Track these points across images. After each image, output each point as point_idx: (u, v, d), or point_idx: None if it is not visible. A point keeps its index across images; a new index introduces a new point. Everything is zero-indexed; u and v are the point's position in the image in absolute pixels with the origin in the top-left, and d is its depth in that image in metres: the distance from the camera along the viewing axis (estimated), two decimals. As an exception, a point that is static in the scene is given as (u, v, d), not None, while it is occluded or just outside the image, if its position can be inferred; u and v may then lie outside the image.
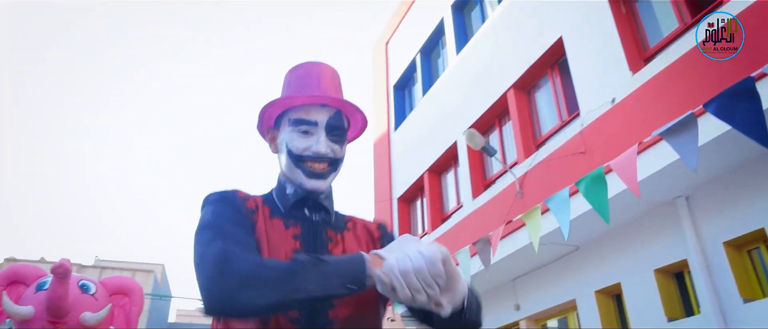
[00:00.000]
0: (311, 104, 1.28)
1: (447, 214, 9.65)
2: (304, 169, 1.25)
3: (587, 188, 3.43)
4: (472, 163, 8.81)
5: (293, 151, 1.26)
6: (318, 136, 1.26)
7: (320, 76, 1.32)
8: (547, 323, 7.77)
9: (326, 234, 1.26)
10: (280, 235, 1.21)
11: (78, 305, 4.60)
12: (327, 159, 1.27)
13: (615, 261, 6.34)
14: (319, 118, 1.27)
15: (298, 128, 1.27)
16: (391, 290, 0.97)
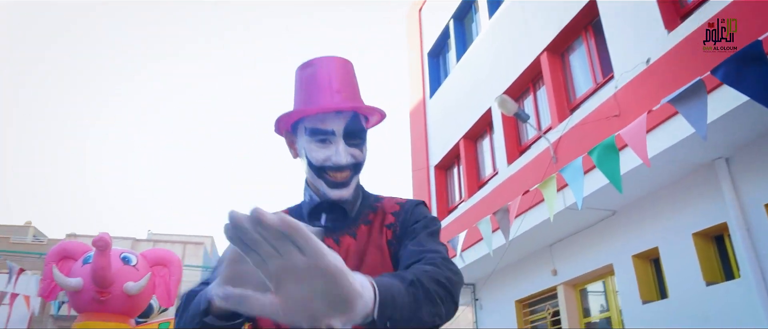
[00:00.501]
0: (327, 113, 1.21)
1: (483, 180, 9.61)
2: (327, 180, 1.22)
3: (600, 158, 3.36)
4: (507, 129, 8.71)
5: (313, 163, 1.22)
6: (336, 145, 1.21)
7: (331, 77, 1.24)
8: (584, 287, 7.72)
9: (334, 240, 1.23)
10: None
11: (121, 276, 4.89)
12: (348, 168, 1.23)
13: (652, 224, 6.20)
14: (336, 126, 1.21)
15: (315, 138, 1.21)
16: None
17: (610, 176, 3.31)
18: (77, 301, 5.18)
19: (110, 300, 4.98)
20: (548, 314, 8.21)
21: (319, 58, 1.27)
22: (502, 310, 9.20)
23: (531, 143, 8.14)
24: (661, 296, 6.26)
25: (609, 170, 3.32)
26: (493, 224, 5.39)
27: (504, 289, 9.16)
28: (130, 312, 5.36)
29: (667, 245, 5.98)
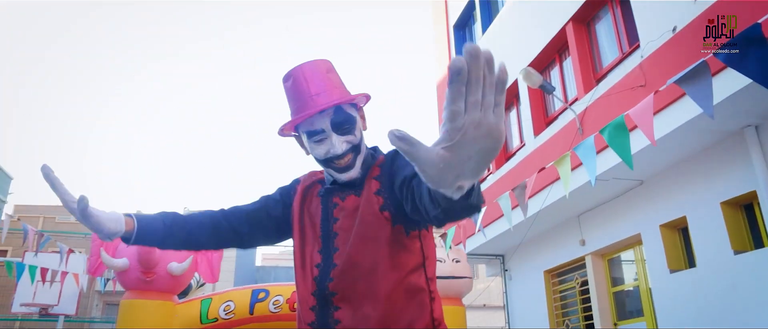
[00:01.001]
0: (312, 116, 1.38)
1: (511, 152, 9.64)
2: (334, 168, 1.40)
3: (611, 137, 3.41)
4: (533, 100, 8.69)
5: (318, 158, 1.42)
6: (330, 139, 1.38)
7: (308, 82, 1.39)
8: (612, 257, 7.76)
9: (331, 202, 1.43)
10: (316, 209, 1.46)
11: (165, 256, 5.17)
12: (347, 152, 1.39)
13: (680, 194, 6.19)
14: (324, 124, 1.38)
15: (312, 139, 1.40)
16: None
17: (621, 154, 3.37)
18: (124, 280, 5.52)
19: (155, 279, 5.30)
20: (576, 283, 8.30)
21: (295, 68, 1.43)
22: (531, 280, 9.32)
23: (557, 114, 8.12)
24: (688, 265, 6.28)
25: (620, 149, 3.37)
26: (512, 200, 5.48)
27: (533, 260, 9.26)
28: (174, 289, 5.69)
29: (695, 215, 5.97)
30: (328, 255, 1.37)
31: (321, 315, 1.33)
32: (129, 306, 5.52)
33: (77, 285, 8.65)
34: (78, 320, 11.12)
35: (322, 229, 1.41)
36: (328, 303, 1.33)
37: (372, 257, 1.32)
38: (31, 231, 5.75)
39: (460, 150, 0.71)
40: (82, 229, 23.02)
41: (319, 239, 1.41)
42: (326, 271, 1.35)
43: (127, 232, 1.38)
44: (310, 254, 1.41)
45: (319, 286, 1.34)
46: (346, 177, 1.40)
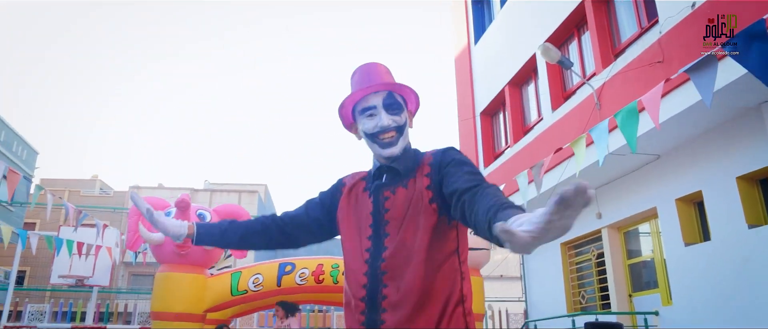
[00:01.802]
0: (368, 94, 1.65)
1: (529, 126, 9.72)
2: (379, 142, 1.63)
3: (623, 121, 3.52)
4: (551, 75, 8.72)
5: (366, 132, 1.65)
6: (380, 115, 1.63)
7: (370, 72, 1.68)
8: (628, 230, 7.89)
9: (383, 195, 1.64)
10: (365, 203, 1.67)
11: (197, 231, 5.41)
12: (392, 129, 1.62)
13: (696, 168, 6.27)
14: (376, 101, 1.64)
15: (364, 114, 1.65)
16: None
17: (628, 138, 3.51)
18: (159, 253, 5.80)
19: (189, 253, 5.57)
20: (593, 256, 8.46)
21: (363, 64, 1.74)
22: (547, 253, 9.50)
23: (575, 89, 8.17)
24: (703, 238, 6.40)
25: (628, 132, 3.51)
26: (529, 177, 5.62)
27: (550, 232, 9.40)
28: (206, 263, 5.97)
29: (710, 189, 6.06)
30: (379, 241, 1.59)
31: (371, 289, 1.56)
32: (164, 279, 5.81)
33: (110, 258, 9.03)
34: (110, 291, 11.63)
35: (374, 218, 1.62)
36: (378, 280, 1.55)
37: (419, 241, 1.53)
38: (71, 208, 6.04)
39: (541, 240, 0.95)
40: (106, 204, 23.62)
41: (370, 228, 1.63)
42: (377, 253, 1.57)
43: (189, 235, 1.75)
44: (360, 241, 1.63)
45: (372, 266, 1.57)
46: (387, 153, 1.61)
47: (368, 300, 1.56)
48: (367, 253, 1.60)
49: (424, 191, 1.57)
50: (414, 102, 1.74)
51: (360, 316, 1.57)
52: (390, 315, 1.51)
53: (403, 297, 1.51)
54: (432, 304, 1.50)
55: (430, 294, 1.51)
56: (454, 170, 1.53)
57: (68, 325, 8.97)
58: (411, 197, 1.59)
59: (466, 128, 11.95)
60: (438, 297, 1.51)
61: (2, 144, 18.56)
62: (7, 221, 16.46)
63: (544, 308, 9.43)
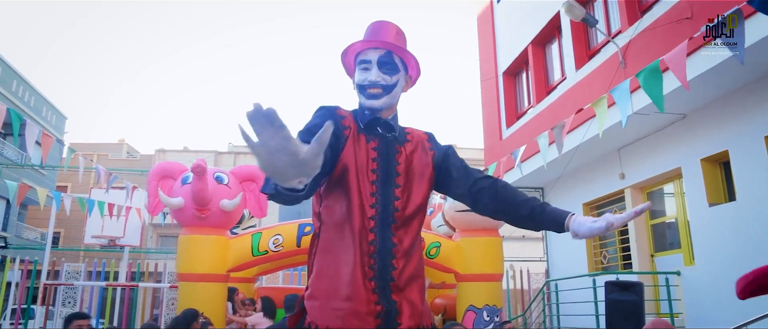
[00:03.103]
0: (368, 48, 1.73)
1: (552, 86, 9.54)
2: (365, 94, 1.70)
3: (646, 81, 3.42)
4: (575, 33, 8.50)
5: (357, 82, 1.73)
6: (372, 70, 1.70)
7: (380, 28, 1.76)
8: (652, 190, 7.78)
9: (394, 148, 1.74)
10: (363, 146, 1.70)
11: (216, 194, 5.53)
12: (379, 86, 1.70)
13: (723, 128, 6.12)
14: (373, 56, 1.71)
15: (361, 66, 1.73)
16: None
17: (653, 98, 3.41)
18: (180, 217, 5.95)
19: (209, 216, 5.70)
20: (615, 216, 8.39)
21: (377, 20, 1.80)
22: (569, 213, 9.45)
23: (600, 47, 7.95)
24: (728, 199, 6.28)
25: (653, 92, 3.41)
26: (549, 137, 5.55)
27: (572, 192, 9.35)
28: (226, 224, 6.10)
29: (737, 149, 5.92)
30: (388, 189, 1.68)
31: (382, 237, 1.64)
32: (186, 241, 5.98)
33: (140, 218, 9.31)
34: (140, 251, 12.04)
35: (381, 167, 1.70)
36: (388, 227, 1.65)
37: (421, 200, 1.74)
38: (103, 171, 6.20)
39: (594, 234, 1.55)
40: (133, 166, 24.16)
41: (373, 173, 1.68)
42: (387, 202, 1.66)
43: None
44: (365, 185, 1.66)
45: (382, 214, 1.65)
46: (369, 104, 1.69)
47: (379, 246, 1.63)
48: (372, 198, 1.66)
49: (430, 163, 1.78)
50: (415, 69, 1.80)
51: (368, 259, 1.61)
52: (400, 261, 1.65)
53: (408, 247, 1.69)
54: (417, 255, 1.74)
55: (417, 247, 1.74)
56: (456, 155, 1.83)
57: (103, 283, 9.34)
58: (416, 160, 1.76)
59: (489, 88, 11.79)
60: (419, 250, 1.77)
61: (32, 109, 19.00)
62: (41, 184, 17.00)
63: (565, 268, 9.45)
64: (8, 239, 10.28)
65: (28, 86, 18.99)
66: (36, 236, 21.45)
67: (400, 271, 1.64)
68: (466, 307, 6.23)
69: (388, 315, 1.59)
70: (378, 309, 1.58)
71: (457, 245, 6.42)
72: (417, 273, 1.71)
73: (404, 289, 1.64)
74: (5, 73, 17.52)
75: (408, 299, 1.64)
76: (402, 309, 1.61)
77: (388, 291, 1.61)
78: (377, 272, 1.60)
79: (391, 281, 1.62)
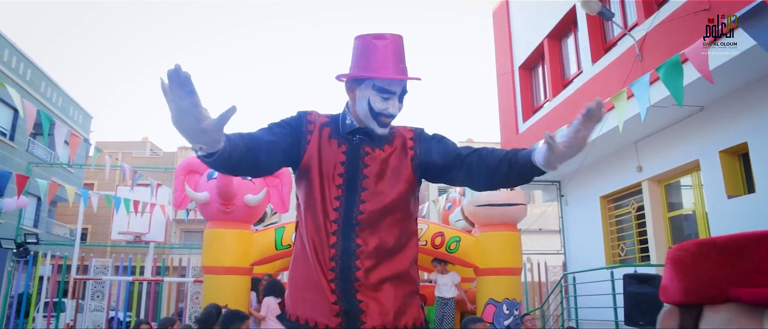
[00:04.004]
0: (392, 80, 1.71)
1: (568, 79, 9.55)
2: (379, 121, 1.72)
3: (666, 75, 3.47)
4: (591, 27, 8.50)
5: (374, 109, 1.70)
6: (394, 101, 1.72)
7: (397, 53, 1.73)
8: (669, 183, 7.78)
9: (363, 150, 1.75)
10: (334, 150, 1.74)
11: (241, 189, 5.69)
12: (395, 116, 1.75)
13: (742, 119, 6.10)
14: (397, 89, 1.72)
15: (381, 93, 1.70)
16: None
17: (673, 92, 3.47)
18: (206, 211, 6.13)
19: (233, 210, 5.87)
20: (632, 209, 8.40)
21: (388, 35, 1.75)
22: (586, 206, 9.47)
23: (616, 40, 7.95)
24: (747, 190, 6.27)
25: (673, 87, 3.46)
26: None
27: (589, 185, 9.37)
28: (250, 219, 6.28)
29: (757, 140, 5.91)
30: (353, 192, 1.70)
31: (344, 238, 1.67)
32: (211, 235, 6.16)
33: (164, 215, 9.56)
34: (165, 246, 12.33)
35: (348, 170, 1.72)
36: (351, 229, 1.67)
37: (396, 202, 1.71)
38: (128, 169, 6.42)
39: (569, 149, 1.46)
40: (157, 164, 24.58)
41: (340, 177, 1.71)
42: (351, 205, 1.68)
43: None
44: (329, 189, 1.71)
45: (345, 216, 1.67)
46: (381, 132, 1.73)
47: (341, 248, 1.67)
48: (336, 201, 1.70)
49: (410, 163, 1.76)
50: None
51: (329, 262, 1.66)
52: (364, 263, 1.66)
53: (377, 247, 1.68)
54: (400, 258, 1.72)
55: (401, 250, 1.72)
56: (445, 142, 1.79)
57: (129, 278, 9.62)
58: (392, 160, 1.75)
59: (505, 82, 11.82)
60: (405, 253, 1.74)
61: (60, 110, 19.47)
62: (69, 182, 17.46)
63: (582, 260, 9.47)
64: (39, 236, 10.60)
65: (56, 87, 19.46)
66: (65, 232, 21.99)
67: (367, 271, 1.65)
68: (486, 301, 6.33)
69: (348, 314, 1.63)
70: (336, 308, 1.64)
71: (476, 240, 6.52)
72: (398, 274, 1.70)
73: (375, 289, 1.66)
74: (34, 75, 17.98)
75: (378, 300, 1.65)
76: (368, 308, 1.64)
77: (352, 291, 1.64)
78: (338, 273, 1.64)
79: (356, 281, 1.64)
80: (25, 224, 16.63)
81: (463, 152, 1.72)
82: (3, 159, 15.96)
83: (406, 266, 1.73)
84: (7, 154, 16.58)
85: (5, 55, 16.41)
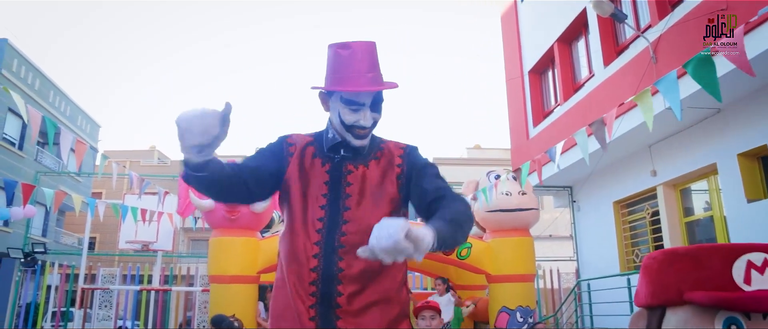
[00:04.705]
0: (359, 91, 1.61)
1: (579, 83, 9.42)
2: (353, 134, 1.64)
3: (695, 70, 3.33)
4: (603, 29, 8.37)
5: (345, 122, 1.63)
6: (364, 113, 1.62)
7: (364, 61, 1.62)
8: (685, 187, 7.61)
9: (346, 168, 1.67)
10: (318, 171, 1.67)
11: (248, 197, 5.57)
12: (369, 127, 1.65)
13: (761, 121, 5.95)
14: (366, 100, 1.62)
15: (349, 106, 1.62)
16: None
17: (708, 88, 3.32)
18: (211, 219, 6.03)
19: (239, 217, 5.77)
20: (647, 214, 8.23)
21: (353, 43, 1.65)
22: (599, 211, 9.31)
23: (628, 43, 7.82)
24: (767, 194, 6.10)
25: (706, 82, 3.31)
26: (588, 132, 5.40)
27: (602, 191, 9.21)
28: (256, 226, 6.16)
29: (776, 143, 5.75)
30: (335, 213, 1.61)
31: (326, 261, 1.58)
32: (217, 243, 6.05)
33: (172, 223, 9.48)
34: (172, 255, 12.26)
35: (331, 189, 1.64)
36: (334, 252, 1.58)
37: (378, 218, 1.57)
38: (135, 177, 6.34)
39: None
40: (164, 172, 24.62)
41: (323, 197, 1.63)
42: (334, 226, 1.59)
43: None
44: (312, 210, 1.63)
45: (327, 238, 1.58)
46: (358, 144, 1.65)
47: (323, 271, 1.57)
48: (319, 223, 1.61)
49: (395, 180, 1.67)
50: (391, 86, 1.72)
51: (309, 287, 1.56)
52: (348, 287, 1.56)
53: (362, 271, 1.57)
54: (386, 280, 1.61)
55: (385, 272, 1.61)
56: (427, 172, 1.68)
57: (137, 287, 9.54)
58: (376, 179, 1.66)
59: (514, 86, 11.69)
60: (392, 275, 1.63)
61: (68, 119, 19.53)
62: (77, 191, 17.47)
63: (596, 267, 9.30)
64: (47, 245, 10.56)
65: (64, 96, 19.54)
66: (74, 241, 22.02)
67: (350, 297, 1.57)
68: (499, 309, 6.18)
69: None
70: None
71: (488, 246, 6.37)
72: (384, 297, 1.61)
73: (359, 315, 1.57)
74: (43, 84, 18.06)
75: (360, 326, 1.57)
76: None
77: (332, 316, 1.55)
78: (319, 297, 1.56)
79: (337, 307, 1.55)
80: (34, 233, 16.64)
81: (432, 194, 1.60)
82: (12, 168, 15.99)
83: (393, 289, 1.64)
84: (15, 163, 16.62)
85: (14, 64, 16.49)
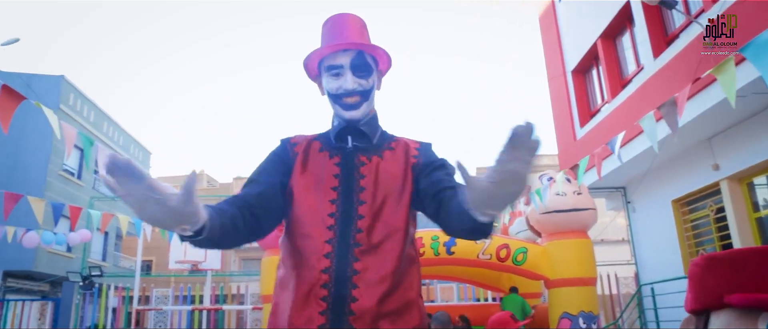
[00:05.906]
0: (336, 51, 1.52)
1: (627, 79, 9.06)
2: (341, 104, 1.52)
3: (755, 55, 3.05)
4: (649, 19, 8.03)
5: (330, 92, 1.54)
6: (345, 76, 1.52)
7: (343, 26, 1.55)
8: (752, 181, 7.15)
9: (358, 159, 1.52)
10: (324, 164, 1.51)
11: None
12: (356, 93, 1.52)
13: (834, 104, 5.52)
14: (344, 61, 1.52)
15: (329, 72, 1.53)
16: None
17: (765, 74, 3.03)
18: (262, 241, 6.05)
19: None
20: (711, 211, 7.77)
21: (336, 14, 1.59)
22: (657, 211, 8.87)
23: (679, 31, 7.46)
24: None
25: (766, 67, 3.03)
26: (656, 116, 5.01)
27: (658, 189, 8.78)
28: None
29: None
30: (349, 207, 1.45)
31: (339, 262, 1.40)
32: (269, 263, 6.11)
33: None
34: (223, 274, 12.42)
35: (342, 182, 1.49)
36: (349, 251, 1.41)
37: (399, 218, 1.46)
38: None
39: (498, 187, 1.02)
40: (214, 194, 25.15)
41: (333, 191, 1.48)
42: (348, 222, 1.43)
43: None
44: (321, 206, 1.46)
45: (341, 236, 1.42)
46: (349, 115, 1.52)
47: (335, 271, 1.40)
48: (330, 218, 1.44)
49: (410, 173, 1.52)
50: (385, 62, 1.62)
51: (320, 290, 1.38)
52: (364, 292, 1.38)
53: (380, 274, 1.40)
54: (403, 287, 1.44)
55: (401, 278, 1.44)
56: (438, 168, 1.51)
57: (189, 307, 9.67)
58: (392, 170, 1.51)
59: (557, 87, 11.38)
60: (409, 281, 1.47)
61: (121, 147, 20.28)
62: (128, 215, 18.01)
63: (656, 270, 8.84)
64: (105, 268, 10.88)
65: (117, 127, 20.40)
66: (131, 264, 22.72)
67: (366, 302, 1.38)
68: (560, 315, 5.91)
69: None
70: None
71: (545, 250, 6.12)
72: (404, 304, 1.43)
73: (373, 323, 1.38)
74: (97, 116, 18.92)
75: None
76: None
77: (345, 323, 1.37)
78: (330, 302, 1.38)
79: (350, 314, 1.37)
80: (93, 257, 17.21)
81: (441, 187, 1.43)
82: (71, 197, 16.65)
83: (413, 296, 1.46)
84: (74, 191, 17.31)
85: (70, 98, 17.32)
